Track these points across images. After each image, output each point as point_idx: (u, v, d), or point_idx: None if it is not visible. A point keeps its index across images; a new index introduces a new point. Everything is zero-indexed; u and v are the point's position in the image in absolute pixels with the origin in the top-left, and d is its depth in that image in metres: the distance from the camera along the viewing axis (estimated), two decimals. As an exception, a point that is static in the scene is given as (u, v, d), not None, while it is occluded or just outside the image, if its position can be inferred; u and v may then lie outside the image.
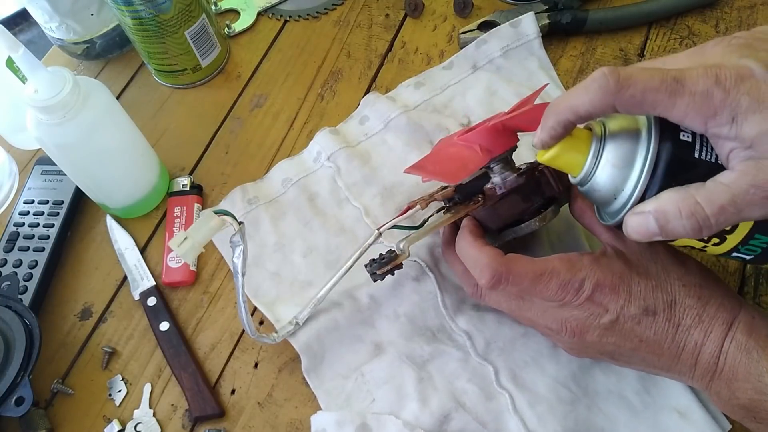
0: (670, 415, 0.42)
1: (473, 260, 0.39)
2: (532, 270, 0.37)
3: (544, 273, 0.37)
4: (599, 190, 0.35)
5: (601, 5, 0.62)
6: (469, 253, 0.40)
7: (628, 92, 0.30)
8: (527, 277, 0.37)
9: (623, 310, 0.36)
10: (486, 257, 0.38)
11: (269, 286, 0.51)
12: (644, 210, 0.32)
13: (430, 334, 0.47)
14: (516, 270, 0.37)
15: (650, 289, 0.37)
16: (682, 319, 0.36)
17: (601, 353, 0.39)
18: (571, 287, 0.37)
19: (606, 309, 0.37)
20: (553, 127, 0.34)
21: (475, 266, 0.39)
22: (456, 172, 0.42)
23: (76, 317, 0.53)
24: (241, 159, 0.59)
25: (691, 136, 0.32)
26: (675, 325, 0.36)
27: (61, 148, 0.49)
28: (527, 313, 0.40)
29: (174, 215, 0.55)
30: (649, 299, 0.36)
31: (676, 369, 0.37)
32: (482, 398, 0.44)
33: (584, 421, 0.42)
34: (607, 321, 0.37)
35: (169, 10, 0.56)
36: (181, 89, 0.65)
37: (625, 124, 0.34)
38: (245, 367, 0.49)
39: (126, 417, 0.48)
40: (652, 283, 0.37)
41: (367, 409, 0.45)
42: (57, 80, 0.45)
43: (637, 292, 0.36)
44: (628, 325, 0.36)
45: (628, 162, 0.33)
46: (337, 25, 0.66)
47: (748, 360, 0.34)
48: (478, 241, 0.40)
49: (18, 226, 0.56)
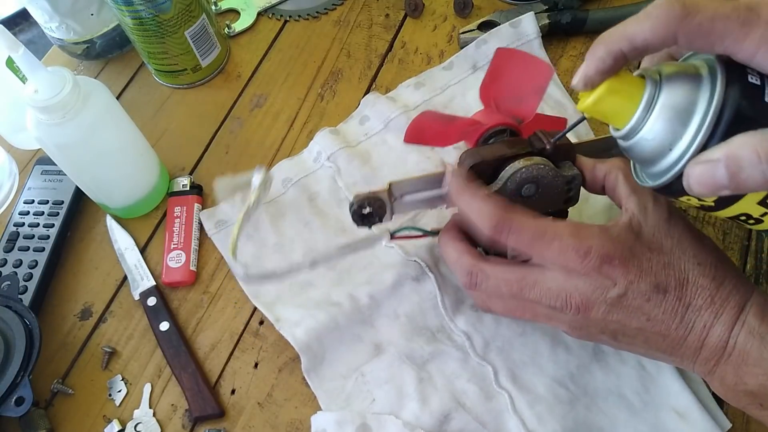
0: (669, 414, 0.42)
1: (477, 208, 0.37)
2: (534, 225, 0.35)
3: (546, 231, 0.35)
4: (649, 144, 0.30)
5: (601, 5, 0.62)
6: (472, 202, 0.37)
7: (696, 19, 0.27)
8: (529, 231, 0.35)
9: (632, 285, 0.34)
10: (490, 204, 0.36)
11: (269, 286, 0.51)
12: (711, 158, 0.27)
13: (429, 334, 0.47)
14: (519, 221, 0.36)
15: (662, 265, 0.34)
16: (693, 299, 0.34)
17: (603, 332, 0.37)
18: (575, 253, 0.34)
19: (614, 282, 0.34)
20: (602, 58, 0.29)
21: (479, 214, 0.36)
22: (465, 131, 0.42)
23: (76, 317, 0.53)
24: (241, 159, 0.59)
25: (759, 79, 0.28)
26: (685, 304, 0.34)
27: (61, 148, 0.49)
28: (530, 293, 0.36)
29: (174, 215, 0.55)
30: (660, 276, 0.34)
31: (679, 352, 0.35)
32: (482, 398, 0.44)
33: (583, 421, 0.42)
34: (614, 295, 0.34)
35: (169, 10, 0.56)
36: (181, 89, 0.65)
37: (684, 68, 0.30)
38: (245, 367, 0.49)
39: (126, 417, 0.48)
40: (665, 259, 0.35)
41: (367, 409, 0.45)
42: (57, 80, 0.45)
43: (648, 267, 0.34)
44: (637, 302, 0.34)
45: (688, 108, 0.29)
46: (337, 25, 0.66)
47: (761, 344, 0.33)
48: (482, 191, 0.38)
49: (18, 226, 0.56)
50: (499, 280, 0.37)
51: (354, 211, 0.41)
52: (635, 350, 0.38)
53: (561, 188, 0.39)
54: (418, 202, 0.42)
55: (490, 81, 0.43)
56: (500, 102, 0.43)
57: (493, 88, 0.43)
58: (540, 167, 0.38)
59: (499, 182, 0.38)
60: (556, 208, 0.40)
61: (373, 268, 0.50)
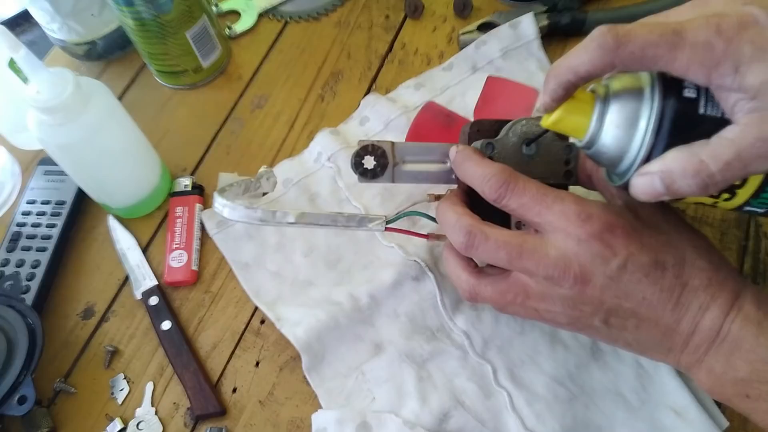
0: (666, 413, 0.42)
1: (480, 173, 0.37)
2: (537, 187, 0.36)
3: (548, 194, 0.36)
4: (605, 152, 0.34)
5: (600, 6, 0.62)
6: (477, 168, 0.38)
7: (628, 49, 0.30)
8: (531, 192, 0.36)
9: (633, 257, 0.34)
10: (494, 167, 0.37)
11: (270, 286, 0.51)
12: (650, 171, 0.31)
13: (429, 333, 0.47)
14: (522, 183, 0.36)
15: (661, 243, 0.35)
16: (690, 278, 0.34)
17: (595, 313, 0.36)
18: (577, 217, 0.34)
19: (615, 252, 0.34)
20: (555, 89, 0.33)
21: (482, 178, 0.37)
22: None
23: (78, 316, 0.53)
24: (243, 159, 0.59)
25: (695, 91, 0.31)
26: (683, 283, 0.34)
27: (63, 148, 0.49)
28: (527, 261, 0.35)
29: (176, 215, 0.55)
30: (660, 252, 0.34)
31: (669, 339, 0.35)
32: (481, 397, 0.44)
33: (582, 419, 0.43)
34: (614, 267, 0.34)
35: (170, 11, 0.56)
36: (182, 90, 0.65)
37: (629, 83, 0.33)
38: (246, 365, 0.49)
39: (128, 415, 0.48)
40: (663, 238, 0.35)
41: (367, 408, 0.45)
42: (59, 81, 0.46)
43: (649, 243, 0.35)
44: (636, 276, 0.34)
45: (632, 122, 0.32)
46: (338, 27, 0.67)
47: (757, 330, 0.33)
48: (485, 158, 0.39)
49: (20, 226, 0.56)
50: (499, 243, 0.36)
51: (355, 159, 0.41)
52: (624, 338, 0.37)
53: (560, 154, 0.40)
54: (421, 174, 0.42)
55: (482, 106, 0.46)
56: None
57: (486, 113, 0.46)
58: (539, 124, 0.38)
59: (502, 133, 0.40)
60: (556, 179, 0.40)
61: (373, 268, 0.50)
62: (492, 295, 0.38)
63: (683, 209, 0.51)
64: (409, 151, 0.42)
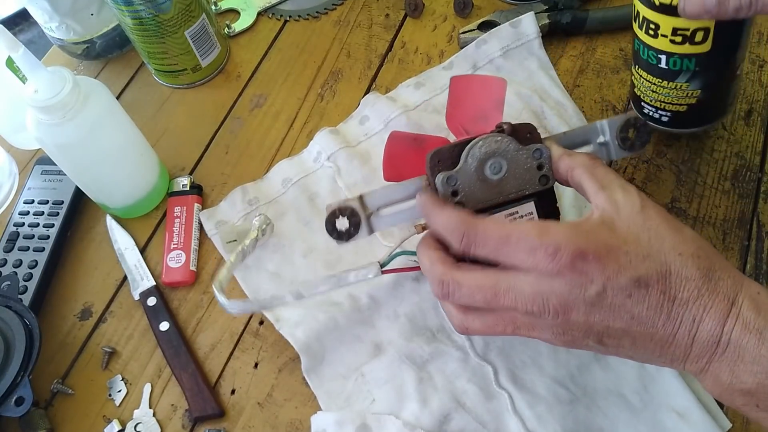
0: (669, 414, 0.42)
1: (443, 224, 0.36)
2: (498, 231, 0.34)
3: (511, 235, 0.34)
4: None
5: (601, 5, 0.62)
6: (439, 218, 0.36)
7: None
8: (494, 238, 0.34)
9: (611, 281, 0.32)
10: (454, 218, 0.35)
11: (269, 286, 0.51)
12: None
13: (429, 334, 0.47)
14: (483, 230, 0.35)
15: (641, 258, 0.33)
16: (678, 291, 0.32)
17: (587, 336, 0.35)
18: (543, 252, 0.33)
19: (591, 279, 0.32)
20: None
21: (445, 229, 0.36)
22: None
23: (76, 317, 0.53)
24: (241, 159, 0.59)
25: None
26: (671, 298, 0.32)
27: (61, 148, 0.49)
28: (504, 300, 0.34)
29: (174, 215, 0.55)
30: (640, 269, 0.32)
31: (669, 352, 0.34)
32: (482, 398, 0.44)
33: (584, 421, 0.42)
34: (593, 293, 0.32)
35: (169, 10, 0.56)
36: (181, 89, 0.65)
37: None
38: (245, 367, 0.49)
39: (126, 417, 0.48)
40: (644, 251, 0.33)
41: (367, 410, 0.45)
42: (57, 80, 0.45)
43: (627, 261, 0.32)
44: (618, 299, 0.32)
45: None
46: (337, 25, 0.66)
47: (758, 340, 0.31)
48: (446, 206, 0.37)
49: (18, 226, 0.56)
50: (472, 288, 0.35)
51: (326, 221, 0.40)
52: (624, 354, 0.36)
53: (529, 164, 0.38)
54: (398, 215, 0.41)
55: (452, 110, 0.44)
56: (467, 125, 0.43)
57: (458, 116, 0.44)
58: (497, 139, 0.38)
59: (461, 162, 0.38)
60: (534, 188, 0.39)
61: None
62: (481, 328, 0.37)
63: (684, 209, 0.51)
64: (380, 198, 0.40)
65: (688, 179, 0.52)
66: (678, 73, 0.46)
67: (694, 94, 0.47)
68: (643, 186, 0.52)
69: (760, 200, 0.51)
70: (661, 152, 0.53)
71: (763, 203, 0.50)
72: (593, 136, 0.41)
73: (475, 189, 0.39)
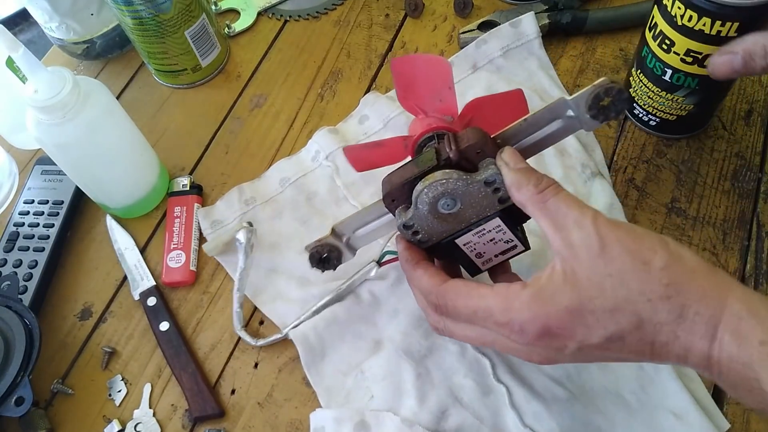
0: (666, 415, 0.42)
1: (417, 285, 0.39)
2: (466, 305, 0.35)
3: (477, 310, 0.34)
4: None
5: (601, 5, 0.62)
6: (411, 277, 0.39)
7: None
8: (462, 312, 0.35)
9: (584, 343, 0.32)
10: (424, 288, 0.38)
11: (267, 284, 0.51)
12: (732, 50, 0.40)
13: (427, 327, 0.47)
14: (451, 304, 0.36)
15: (608, 314, 0.31)
16: (655, 336, 0.31)
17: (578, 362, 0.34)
18: (510, 330, 0.33)
19: (564, 344, 0.32)
20: None
21: (420, 291, 0.38)
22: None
23: (76, 317, 0.53)
24: (241, 159, 0.59)
25: None
26: (649, 343, 0.31)
27: (61, 148, 0.49)
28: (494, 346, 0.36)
29: (174, 215, 0.55)
30: (610, 327, 0.31)
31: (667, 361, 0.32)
32: (479, 393, 0.44)
33: (581, 419, 0.42)
34: (570, 352, 0.33)
35: (169, 10, 0.56)
36: (181, 89, 0.65)
37: None
38: (245, 367, 0.49)
39: (126, 417, 0.48)
40: (610, 305, 0.31)
41: (365, 406, 0.45)
42: (57, 80, 0.45)
43: (594, 321, 0.31)
44: (597, 353, 0.32)
45: None
46: (337, 25, 0.66)
47: (746, 371, 0.29)
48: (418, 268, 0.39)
49: (18, 226, 0.56)
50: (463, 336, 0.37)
51: (310, 260, 0.43)
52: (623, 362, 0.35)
53: (484, 192, 0.37)
54: (374, 233, 0.43)
55: (403, 92, 0.41)
56: (423, 106, 0.42)
57: (410, 97, 0.42)
58: (442, 182, 0.36)
59: (413, 208, 0.38)
60: (495, 209, 0.37)
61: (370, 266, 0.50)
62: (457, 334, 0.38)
63: (684, 209, 0.51)
64: (351, 224, 0.42)
65: (688, 179, 0.52)
66: (679, 87, 0.48)
67: (686, 107, 0.50)
68: (642, 186, 0.52)
69: (760, 200, 0.51)
70: (661, 152, 0.53)
71: (763, 203, 0.50)
72: (561, 111, 0.37)
73: (433, 226, 0.38)
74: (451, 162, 0.37)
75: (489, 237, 0.39)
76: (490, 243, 0.40)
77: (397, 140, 0.42)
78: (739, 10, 0.41)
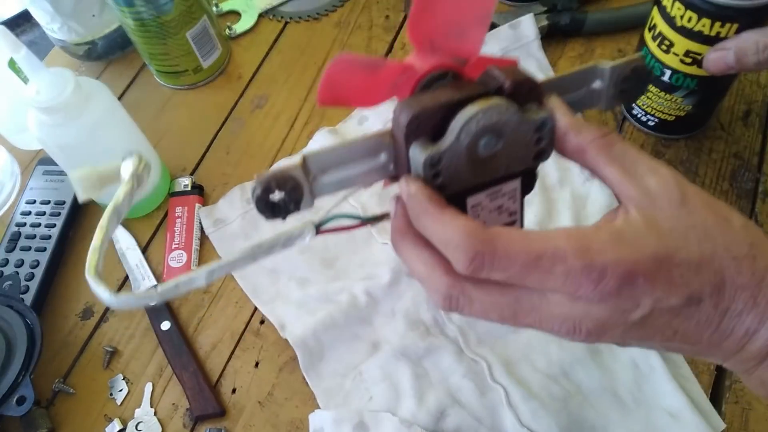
0: (661, 414, 0.42)
1: (444, 238, 0.28)
2: (525, 249, 0.27)
3: (543, 255, 0.27)
4: None
5: (599, 7, 0.62)
6: (437, 229, 0.29)
7: None
8: (518, 260, 0.27)
9: (660, 303, 0.27)
10: (461, 231, 0.27)
11: (267, 284, 0.51)
12: (725, 47, 0.41)
13: (424, 328, 0.47)
14: (503, 248, 0.27)
15: (694, 270, 0.27)
16: (732, 303, 0.28)
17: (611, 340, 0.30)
18: (586, 278, 0.27)
19: (637, 304, 0.27)
20: None
21: (447, 246, 0.28)
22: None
23: (77, 317, 0.53)
24: (242, 159, 0.59)
25: None
26: (722, 311, 0.28)
27: (63, 148, 0.49)
28: (525, 319, 0.29)
29: (175, 215, 0.55)
30: (694, 284, 0.27)
31: (710, 353, 0.30)
32: (477, 394, 0.44)
33: (577, 418, 0.43)
34: (637, 318, 0.28)
35: (170, 12, 0.56)
36: (182, 90, 0.65)
37: None
38: (246, 366, 0.49)
39: (127, 416, 0.48)
40: (695, 259, 0.27)
41: (364, 407, 0.45)
42: (59, 81, 0.46)
43: (679, 276, 0.27)
44: (664, 319, 0.28)
45: None
46: (338, 27, 0.67)
47: None
48: (447, 210, 0.29)
49: (20, 226, 0.56)
50: (486, 305, 0.29)
51: (258, 197, 0.30)
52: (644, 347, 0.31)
53: (529, 138, 0.31)
54: (347, 180, 0.31)
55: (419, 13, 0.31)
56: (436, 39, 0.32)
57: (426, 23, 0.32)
58: (502, 109, 0.29)
59: (450, 136, 0.29)
60: (525, 166, 0.32)
61: (369, 265, 0.50)
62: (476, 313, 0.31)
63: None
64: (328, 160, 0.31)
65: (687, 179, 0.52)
66: (678, 88, 0.48)
67: (685, 108, 0.50)
68: (641, 186, 0.52)
69: (758, 200, 0.51)
70: (660, 153, 0.54)
71: (762, 203, 0.51)
72: (590, 78, 0.33)
73: (460, 170, 0.30)
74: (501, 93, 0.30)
75: (499, 203, 0.33)
76: (495, 211, 0.34)
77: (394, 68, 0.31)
78: (739, 12, 0.41)
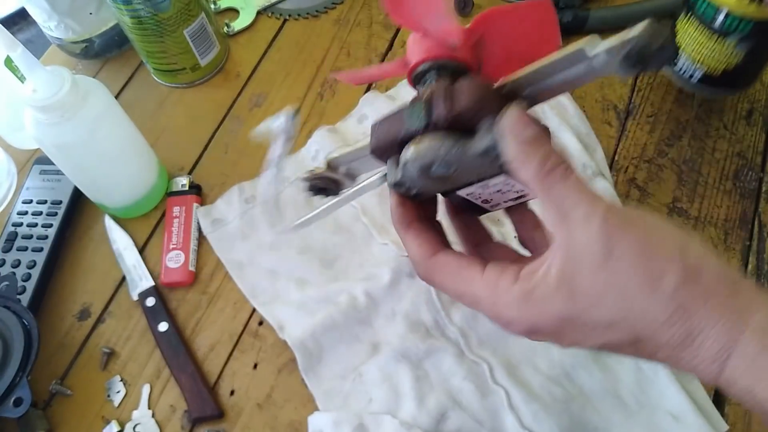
0: (664, 417, 0.42)
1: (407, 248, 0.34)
2: (453, 287, 0.32)
3: (464, 295, 0.31)
4: None
5: (602, 4, 0.62)
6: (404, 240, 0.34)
7: None
8: (449, 291, 0.32)
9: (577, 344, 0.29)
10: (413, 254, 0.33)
11: (266, 284, 0.51)
12: None
13: (424, 330, 0.47)
14: (439, 281, 0.33)
15: (603, 328, 0.28)
16: (655, 353, 0.28)
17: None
18: (497, 322, 0.30)
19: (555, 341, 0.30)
20: None
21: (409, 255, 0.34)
22: None
23: (74, 318, 0.53)
24: (241, 158, 0.59)
25: None
26: (648, 355, 0.28)
27: (60, 147, 0.48)
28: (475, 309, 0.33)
29: (173, 215, 0.55)
30: (604, 337, 0.28)
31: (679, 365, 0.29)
32: (478, 396, 0.44)
33: (579, 420, 0.42)
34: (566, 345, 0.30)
35: (168, 9, 0.56)
36: (180, 88, 0.64)
37: None
38: (244, 367, 0.49)
39: (125, 418, 0.48)
40: (607, 319, 0.27)
41: (364, 409, 0.44)
42: (55, 79, 0.45)
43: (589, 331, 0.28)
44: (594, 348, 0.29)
45: None
46: (337, 24, 0.66)
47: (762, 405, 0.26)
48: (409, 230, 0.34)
49: (16, 226, 0.55)
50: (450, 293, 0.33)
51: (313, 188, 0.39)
52: None
53: (481, 162, 0.30)
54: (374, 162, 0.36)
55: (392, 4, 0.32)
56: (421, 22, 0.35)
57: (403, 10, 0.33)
58: (435, 147, 0.30)
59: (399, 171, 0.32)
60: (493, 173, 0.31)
61: (368, 266, 0.50)
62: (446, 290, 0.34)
63: (686, 209, 0.50)
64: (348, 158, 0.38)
65: (690, 179, 0.52)
66: (731, 32, 0.47)
67: (737, 55, 0.49)
68: (644, 186, 0.52)
69: (761, 200, 0.50)
70: (663, 152, 0.53)
71: (765, 203, 0.50)
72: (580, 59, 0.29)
73: (428, 186, 0.33)
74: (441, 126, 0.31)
75: (495, 189, 0.34)
76: (497, 193, 0.34)
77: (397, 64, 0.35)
78: None
